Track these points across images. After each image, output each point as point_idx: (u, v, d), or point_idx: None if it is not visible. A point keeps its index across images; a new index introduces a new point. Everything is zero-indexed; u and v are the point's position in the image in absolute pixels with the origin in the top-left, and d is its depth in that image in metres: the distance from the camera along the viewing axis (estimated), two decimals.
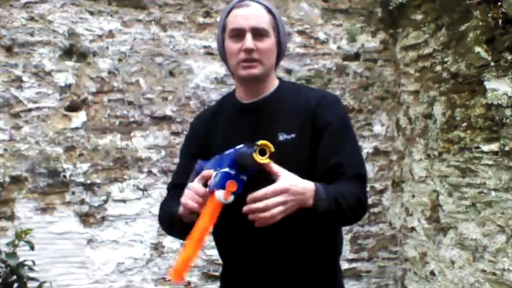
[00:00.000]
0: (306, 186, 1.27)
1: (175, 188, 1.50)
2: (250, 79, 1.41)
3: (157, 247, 3.06)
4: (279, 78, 1.52)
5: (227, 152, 1.30)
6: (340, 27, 3.33)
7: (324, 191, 1.28)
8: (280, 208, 1.21)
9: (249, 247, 1.40)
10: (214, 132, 1.47)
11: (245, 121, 1.43)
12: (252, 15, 1.39)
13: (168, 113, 3.09)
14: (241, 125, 1.43)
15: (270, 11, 1.43)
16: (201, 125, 1.56)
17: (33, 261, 2.43)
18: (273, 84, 1.47)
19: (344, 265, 3.33)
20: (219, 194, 1.23)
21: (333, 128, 1.38)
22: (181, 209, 1.35)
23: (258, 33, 1.38)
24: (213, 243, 1.54)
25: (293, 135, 1.36)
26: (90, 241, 2.98)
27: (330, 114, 1.40)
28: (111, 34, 3.03)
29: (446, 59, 2.86)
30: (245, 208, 1.22)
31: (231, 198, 1.23)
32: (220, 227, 1.35)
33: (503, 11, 2.36)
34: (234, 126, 1.45)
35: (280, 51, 1.46)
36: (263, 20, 1.40)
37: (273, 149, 1.23)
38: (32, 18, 2.91)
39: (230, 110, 1.50)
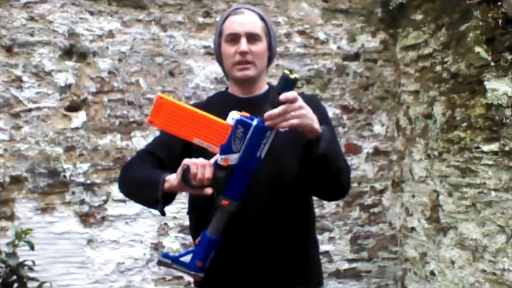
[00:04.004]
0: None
1: (148, 154, 1.57)
2: (245, 80, 1.55)
3: (157, 247, 3.06)
4: (268, 83, 1.66)
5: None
6: (340, 27, 3.33)
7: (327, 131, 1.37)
8: (299, 111, 1.27)
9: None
10: None
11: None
12: (247, 22, 1.53)
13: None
14: None
15: (262, 18, 1.57)
16: None
17: (33, 261, 2.43)
18: (265, 85, 1.62)
19: (344, 265, 3.33)
20: (233, 114, 1.30)
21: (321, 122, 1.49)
22: (169, 184, 1.38)
23: (252, 38, 1.52)
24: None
25: (286, 128, 1.41)
26: (90, 241, 2.98)
27: (318, 112, 1.51)
28: (111, 34, 3.03)
29: (446, 59, 2.86)
30: (266, 114, 1.27)
31: (238, 116, 1.29)
32: (198, 211, 1.50)
33: (503, 11, 2.36)
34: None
35: (271, 55, 1.61)
36: (256, 26, 1.54)
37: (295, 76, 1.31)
38: (32, 18, 2.91)
39: (225, 102, 1.59)
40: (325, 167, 1.36)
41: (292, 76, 1.28)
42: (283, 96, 1.26)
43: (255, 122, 1.28)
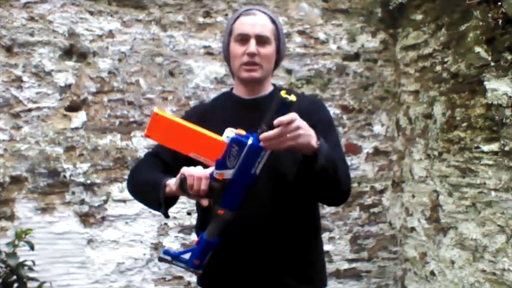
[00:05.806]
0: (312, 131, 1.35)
1: (154, 157, 1.61)
2: (251, 81, 1.56)
3: (157, 247, 3.06)
4: (273, 84, 1.68)
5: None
6: (340, 27, 3.33)
7: (324, 142, 1.37)
8: (295, 133, 1.27)
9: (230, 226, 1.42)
10: (208, 121, 1.51)
11: (245, 114, 1.49)
12: (258, 24, 1.54)
13: (168, 113, 3.09)
14: (240, 117, 1.49)
15: (273, 21, 1.58)
16: (196, 113, 1.64)
17: (33, 261, 2.43)
18: (270, 86, 1.64)
19: (344, 265, 3.33)
20: (229, 131, 1.30)
21: (323, 125, 1.53)
22: (170, 189, 1.41)
23: (261, 40, 1.53)
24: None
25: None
26: (90, 241, 2.98)
27: (321, 114, 1.58)
28: (111, 34, 3.03)
29: (446, 59, 2.86)
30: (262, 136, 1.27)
31: (233, 135, 1.29)
32: (202, 213, 1.53)
33: (503, 11, 2.36)
34: (233, 117, 1.52)
35: (279, 58, 1.62)
36: (267, 29, 1.55)
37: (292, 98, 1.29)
38: (32, 18, 2.91)
39: (229, 103, 1.62)
40: (324, 180, 1.39)
41: (289, 99, 1.26)
42: (277, 121, 1.25)
43: (249, 141, 1.29)
